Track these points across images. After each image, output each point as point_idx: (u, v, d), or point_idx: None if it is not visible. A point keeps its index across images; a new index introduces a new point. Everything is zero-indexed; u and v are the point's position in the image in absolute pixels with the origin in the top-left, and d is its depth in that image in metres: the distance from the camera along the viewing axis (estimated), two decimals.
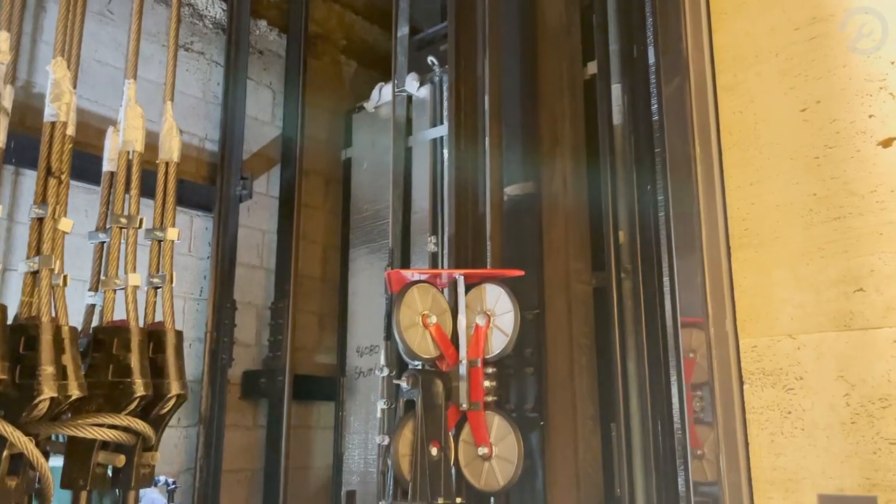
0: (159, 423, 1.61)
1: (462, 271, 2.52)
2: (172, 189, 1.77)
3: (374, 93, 4.15)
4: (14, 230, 3.23)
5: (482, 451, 2.37)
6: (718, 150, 1.27)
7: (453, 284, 2.54)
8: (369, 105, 4.14)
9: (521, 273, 2.53)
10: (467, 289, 2.53)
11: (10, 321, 1.48)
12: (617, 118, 2.90)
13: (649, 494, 2.55)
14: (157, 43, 3.94)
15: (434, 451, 2.30)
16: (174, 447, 3.65)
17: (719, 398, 1.20)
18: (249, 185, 4.04)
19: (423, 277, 2.52)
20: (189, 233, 3.97)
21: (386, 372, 2.67)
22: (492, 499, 2.54)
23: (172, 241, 1.74)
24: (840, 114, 1.21)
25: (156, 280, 1.70)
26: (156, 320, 1.69)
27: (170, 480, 2.85)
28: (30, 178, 3.21)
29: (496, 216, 2.94)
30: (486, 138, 3.04)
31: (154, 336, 1.64)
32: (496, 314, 2.46)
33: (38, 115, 1.75)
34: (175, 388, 1.61)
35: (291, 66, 4.47)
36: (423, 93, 3.76)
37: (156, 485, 2.80)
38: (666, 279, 2.61)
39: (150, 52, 3.91)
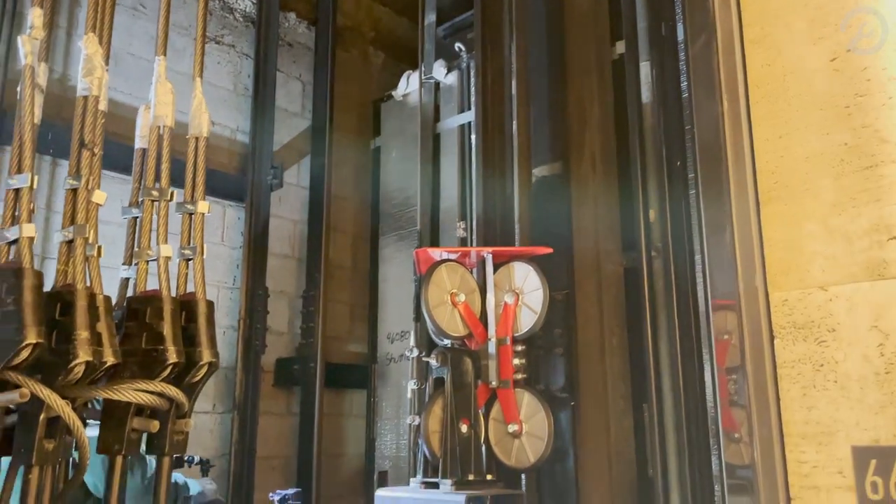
0: (192, 391, 1.64)
1: (490, 249, 2.51)
2: (202, 164, 1.80)
3: (402, 81, 4.16)
4: (52, 219, 3.32)
5: (512, 428, 2.36)
6: (746, 104, 1.25)
7: (481, 263, 2.54)
8: (397, 93, 4.15)
9: (550, 250, 2.52)
10: (495, 268, 2.52)
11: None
12: (646, 96, 2.87)
13: (683, 475, 2.52)
14: (188, 36, 4.00)
15: (464, 428, 2.30)
16: (209, 432, 3.71)
17: (749, 354, 1.18)
18: (280, 174, 4.09)
19: (451, 256, 2.52)
20: (221, 222, 4.03)
21: (416, 352, 2.67)
22: (523, 476, 2.53)
23: (203, 214, 1.77)
24: (871, 61, 1.18)
25: (187, 252, 1.73)
26: (187, 291, 1.72)
27: (204, 459, 2.89)
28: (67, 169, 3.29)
29: (524, 197, 2.93)
30: (514, 120, 3.03)
31: (186, 306, 1.66)
32: (525, 292, 2.45)
33: (74, 107, 1.79)
34: (207, 356, 1.63)
35: (320, 58, 4.51)
36: (451, 79, 3.76)
37: (190, 464, 2.85)
38: (698, 257, 2.57)
39: (182, 45, 3.98)
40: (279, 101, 4.36)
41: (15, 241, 1.46)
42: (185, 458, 2.81)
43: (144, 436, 1.65)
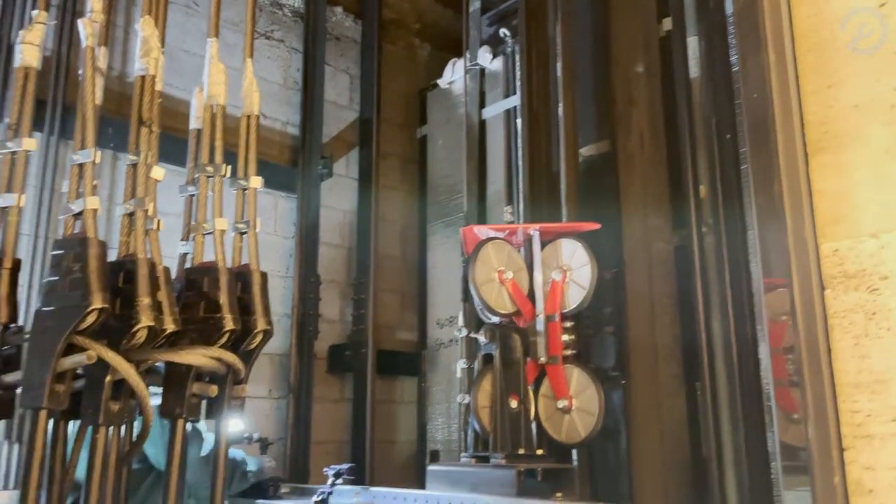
0: (248, 358, 1.69)
1: (537, 226, 2.52)
2: (254, 141, 1.86)
3: (448, 69, 4.19)
4: (113, 212, 3.44)
5: (562, 404, 2.36)
6: (793, 56, 1.24)
7: (528, 241, 2.54)
8: (443, 81, 4.18)
9: (597, 226, 2.51)
10: (542, 245, 2.53)
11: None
12: (694, 71, 2.84)
13: (738, 454, 2.48)
14: (240, 32, 4.10)
15: (513, 403, 2.31)
16: (266, 417, 3.80)
17: (800, 305, 1.16)
18: (329, 164, 4.16)
19: (497, 234, 2.53)
20: (274, 213, 4.12)
21: (464, 332, 2.69)
22: (574, 453, 2.53)
23: (255, 189, 1.83)
24: None
25: (241, 225, 1.79)
26: (242, 263, 1.78)
27: (263, 437, 2.96)
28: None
29: (571, 177, 2.92)
30: (560, 101, 3.02)
31: (241, 276, 1.72)
32: (573, 268, 2.44)
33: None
34: (261, 324, 1.69)
35: (367, 51, 4.57)
36: (496, 65, 3.77)
37: (249, 441, 2.92)
38: (751, 232, 2.53)
39: (234, 41, 4.07)
40: (328, 94, 4.44)
41: (80, 214, 1.54)
42: (245, 435, 2.89)
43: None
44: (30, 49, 1.64)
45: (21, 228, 1.67)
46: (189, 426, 2.30)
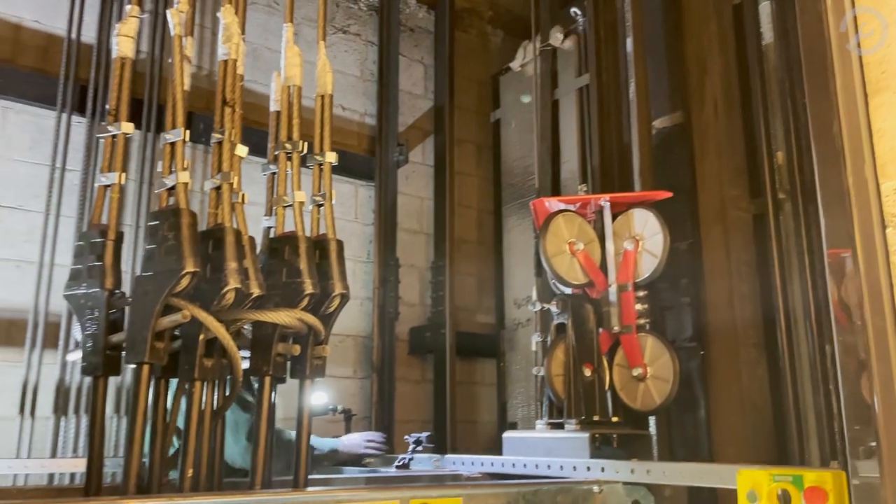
0: (327, 321, 1.80)
1: (608, 196, 2.53)
2: (328, 118, 1.97)
3: (519, 52, 4.23)
4: (205, 201, 3.66)
5: (637, 372, 2.37)
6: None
7: (599, 213, 2.56)
8: (515, 64, 4.22)
9: (669, 194, 2.50)
10: (614, 217, 2.54)
11: None
12: (767, 37, 2.79)
13: (819, 421, 2.43)
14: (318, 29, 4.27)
15: (587, 372, 2.34)
16: (351, 396, 3.95)
17: (860, 244, 1.15)
18: (405, 152, 4.27)
19: (568, 206, 2.56)
20: (354, 201, 4.27)
21: (538, 306, 2.74)
22: (651, 421, 2.54)
23: (330, 164, 1.93)
24: None
25: (318, 198, 1.90)
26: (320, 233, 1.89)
27: (346, 408, 3.09)
28: None
29: (645, 150, 2.92)
30: (632, 74, 3.01)
31: (319, 245, 1.83)
32: (645, 237, 2.45)
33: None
34: (339, 288, 1.79)
35: (440, 40, 4.65)
36: (568, 45, 3.79)
37: (334, 412, 3.06)
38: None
39: (313, 37, 4.24)
40: (403, 84, 4.56)
41: (173, 188, 1.68)
42: (329, 407, 3.03)
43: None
44: (125, 41, 1.79)
45: (125, 210, 1.83)
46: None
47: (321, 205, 1.91)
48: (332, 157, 1.93)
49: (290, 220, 1.90)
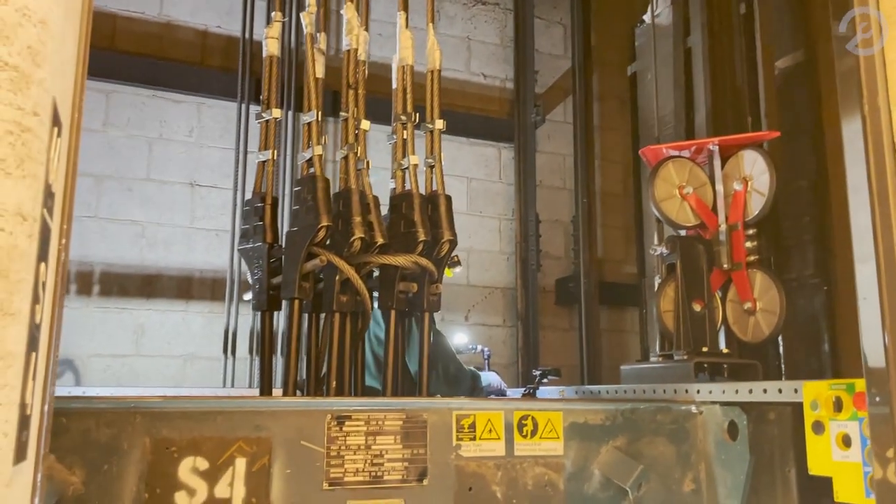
0: (440, 263, 2.12)
1: (717, 140, 2.61)
2: (437, 90, 2.26)
3: (653, 1, 4.24)
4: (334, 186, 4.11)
5: (747, 305, 2.47)
6: None
7: (710, 157, 2.65)
8: (648, 16, 4.25)
9: (777, 134, 2.54)
10: (725, 161, 2.62)
11: None
12: None
13: None
14: (458, 3, 4.58)
15: (697, 307, 2.48)
16: (502, 343, 4.29)
17: (873, 169, 1.23)
18: (541, 112, 4.48)
19: (678, 153, 2.68)
20: (497, 163, 4.56)
21: (658, 251, 2.88)
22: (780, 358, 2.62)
23: (440, 130, 2.23)
24: None
25: (430, 160, 2.22)
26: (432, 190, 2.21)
27: (485, 349, 3.42)
28: None
29: (770, 92, 2.93)
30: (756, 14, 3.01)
31: (431, 200, 2.15)
32: (753, 178, 2.52)
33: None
34: (447, 235, 2.10)
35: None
36: None
37: (473, 351, 3.41)
38: None
39: (454, 11, 4.57)
40: (543, 46, 4.75)
41: (310, 159, 2.08)
42: (471, 346, 3.38)
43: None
44: (272, 42, 2.21)
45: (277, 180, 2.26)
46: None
47: (433, 166, 2.22)
48: (440, 125, 2.23)
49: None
